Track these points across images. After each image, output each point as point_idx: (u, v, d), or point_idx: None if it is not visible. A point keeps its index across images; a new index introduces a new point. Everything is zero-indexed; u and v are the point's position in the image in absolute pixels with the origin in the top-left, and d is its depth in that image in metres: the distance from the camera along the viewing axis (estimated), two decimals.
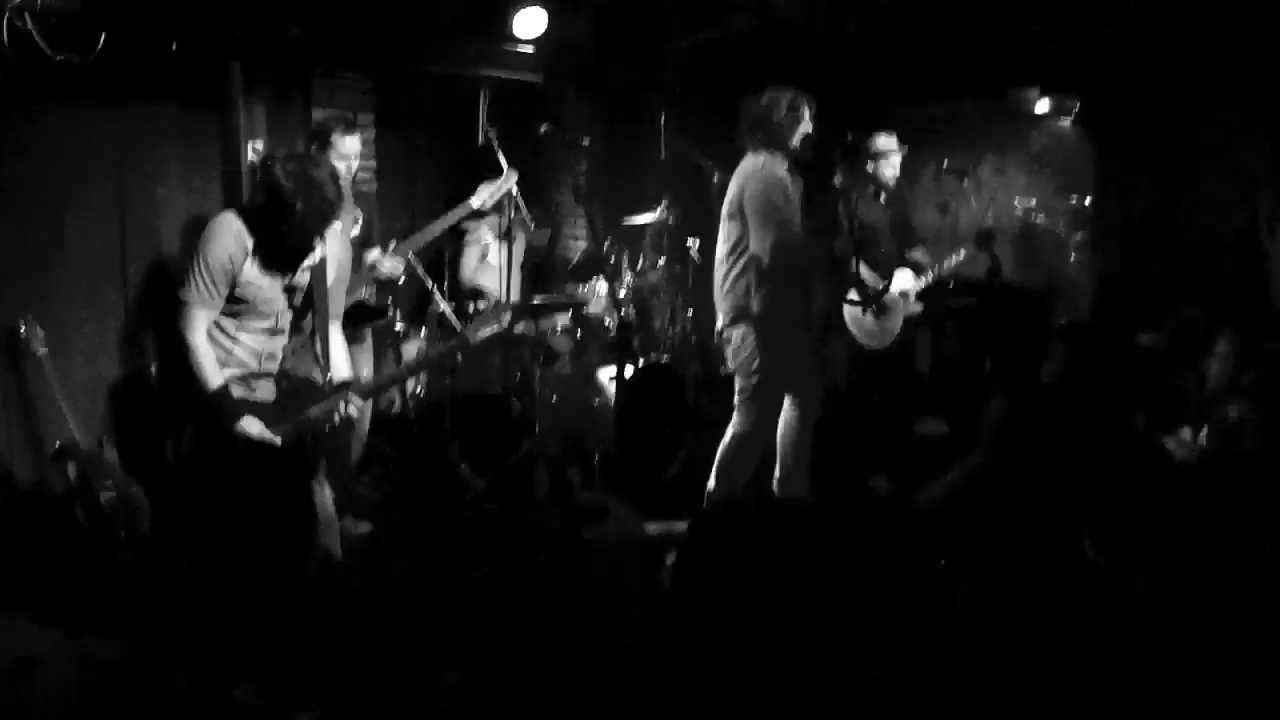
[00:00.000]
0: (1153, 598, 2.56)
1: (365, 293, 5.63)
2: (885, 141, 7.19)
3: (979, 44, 8.49)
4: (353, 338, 5.47)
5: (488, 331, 4.51)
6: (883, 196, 7.22)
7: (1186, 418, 4.90)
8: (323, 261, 4.20)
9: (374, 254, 5.58)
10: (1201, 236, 8.66)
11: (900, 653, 2.68)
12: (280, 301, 4.13)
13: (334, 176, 3.97)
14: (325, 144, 5.36)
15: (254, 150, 6.70)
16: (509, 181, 5.91)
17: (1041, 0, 8.10)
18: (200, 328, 3.97)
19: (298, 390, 4.21)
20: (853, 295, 6.61)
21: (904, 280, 6.84)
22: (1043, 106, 9.74)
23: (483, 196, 5.84)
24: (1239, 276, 8.30)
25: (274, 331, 4.17)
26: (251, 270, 3.99)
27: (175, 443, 4.13)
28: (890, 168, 7.18)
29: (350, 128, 5.42)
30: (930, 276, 6.94)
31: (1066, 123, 9.64)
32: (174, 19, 5.84)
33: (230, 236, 3.94)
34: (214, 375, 3.96)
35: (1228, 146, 8.43)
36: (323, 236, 4.07)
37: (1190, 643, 2.45)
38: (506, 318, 4.57)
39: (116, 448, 5.31)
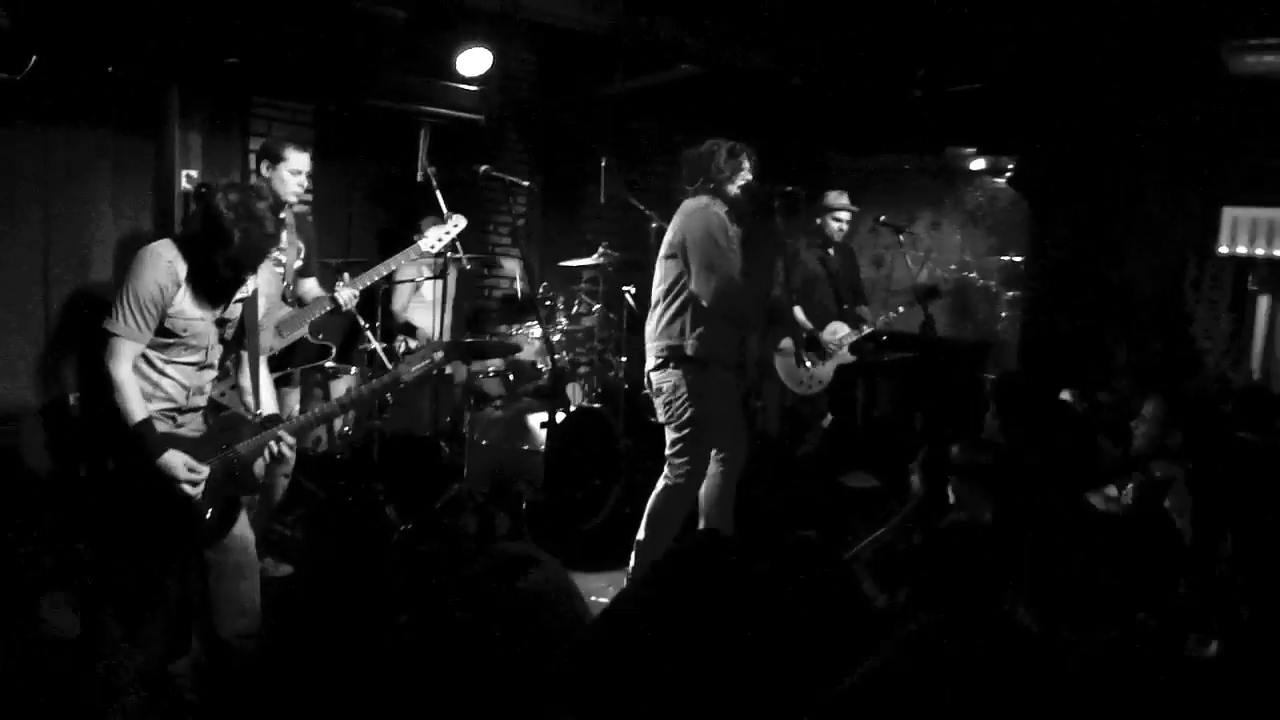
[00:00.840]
0: (1086, 663, 2.54)
1: (306, 330, 5.52)
2: (836, 198, 7.28)
3: (918, 101, 8.60)
4: (287, 379, 5.37)
5: (420, 369, 4.43)
6: (829, 250, 7.27)
7: (1111, 476, 4.95)
8: (254, 294, 4.08)
9: (339, 288, 5.47)
10: (1130, 297, 8.81)
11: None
12: (211, 335, 4.00)
13: (274, 209, 3.88)
14: (277, 159, 5.26)
15: (188, 178, 6.59)
16: (458, 228, 5.85)
17: (980, 63, 8.21)
18: (126, 360, 3.82)
19: (226, 425, 4.09)
20: (787, 343, 6.63)
21: (838, 331, 6.87)
22: (978, 164, 9.90)
23: (431, 240, 5.77)
24: (1165, 337, 8.45)
25: (203, 366, 4.03)
26: (183, 302, 3.86)
27: (94, 473, 3.99)
28: (837, 223, 7.25)
29: (302, 145, 5.34)
30: (866, 330, 6.98)
31: (1001, 181, 9.79)
32: (110, 40, 5.75)
33: (162, 266, 3.80)
34: (138, 408, 3.81)
35: (1157, 211, 8.60)
36: (256, 269, 3.97)
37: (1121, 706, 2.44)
38: (439, 356, 4.49)
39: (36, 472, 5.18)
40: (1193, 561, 3.42)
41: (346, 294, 5.47)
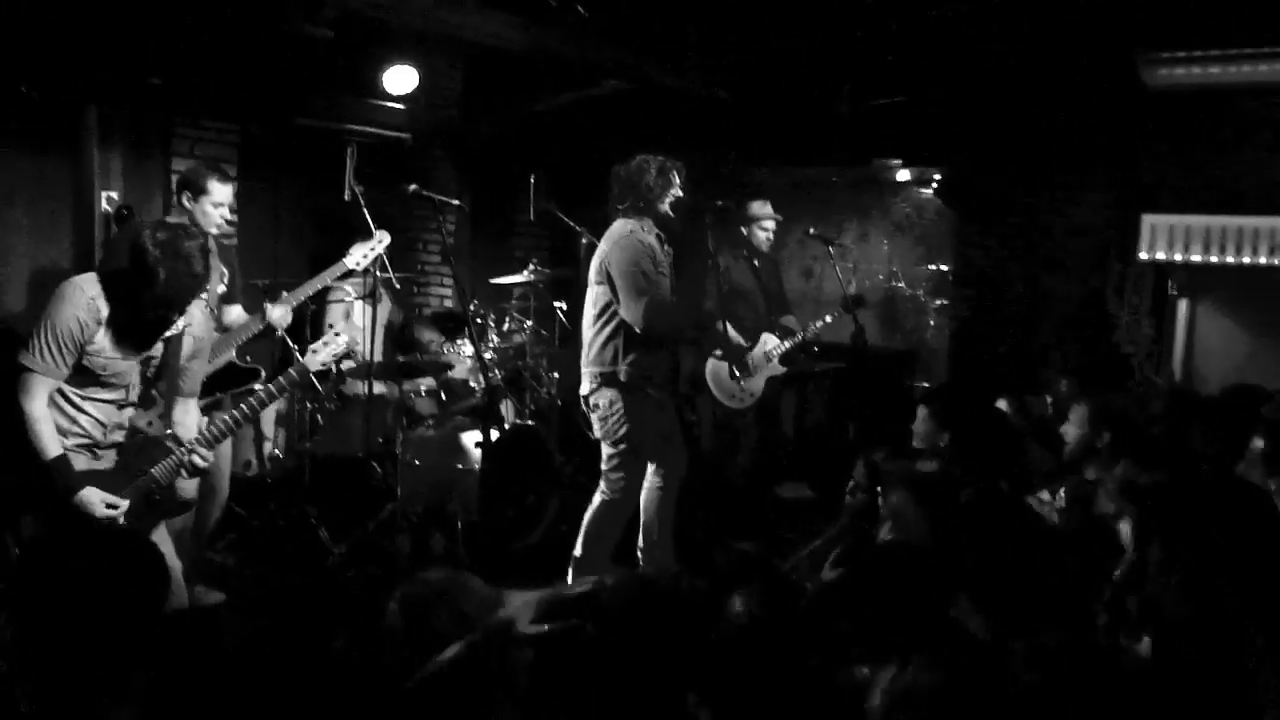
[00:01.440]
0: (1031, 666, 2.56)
1: (234, 354, 5.42)
2: (759, 207, 7.30)
3: (844, 115, 8.70)
4: (218, 404, 5.26)
5: (327, 355, 4.37)
6: (755, 261, 7.30)
7: (1044, 481, 5.03)
8: (180, 334, 3.96)
9: (270, 308, 5.37)
10: (1055, 303, 8.97)
11: None
12: (133, 374, 3.88)
13: (203, 250, 3.76)
14: (200, 191, 5.08)
15: (108, 200, 6.47)
16: (382, 244, 5.80)
17: (904, 77, 8.33)
18: (41, 396, 3.70)
19: (140, 449, 3.98)
20: (718, 355, 6.65)
21: (768, 343, 6.91)
22: (904, 176, 10.03)
23: (356, 257, 5.71)
24: (1090, 341, 8.61)
25: (123, 404, 3.91)
26: (103, 341, 3.73)
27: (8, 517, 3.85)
28: (764, 233, 7.28)
29: (225, 176, 5.20)
30: (796, 340, 7.02)
31: (928, 192, 9.92)
32: (22, 60, 5.63)
33: (83, 302, 3.67)
34: (52, 444, 3.70)
35: (1079, 220, 8.77)
36: (184, 310, 3.88)
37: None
38: (344, 340, 4.42)
39: None
40: (1131, 564, 3.47)
41: (279, 312, 5.38)
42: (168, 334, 3.90)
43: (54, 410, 3.76)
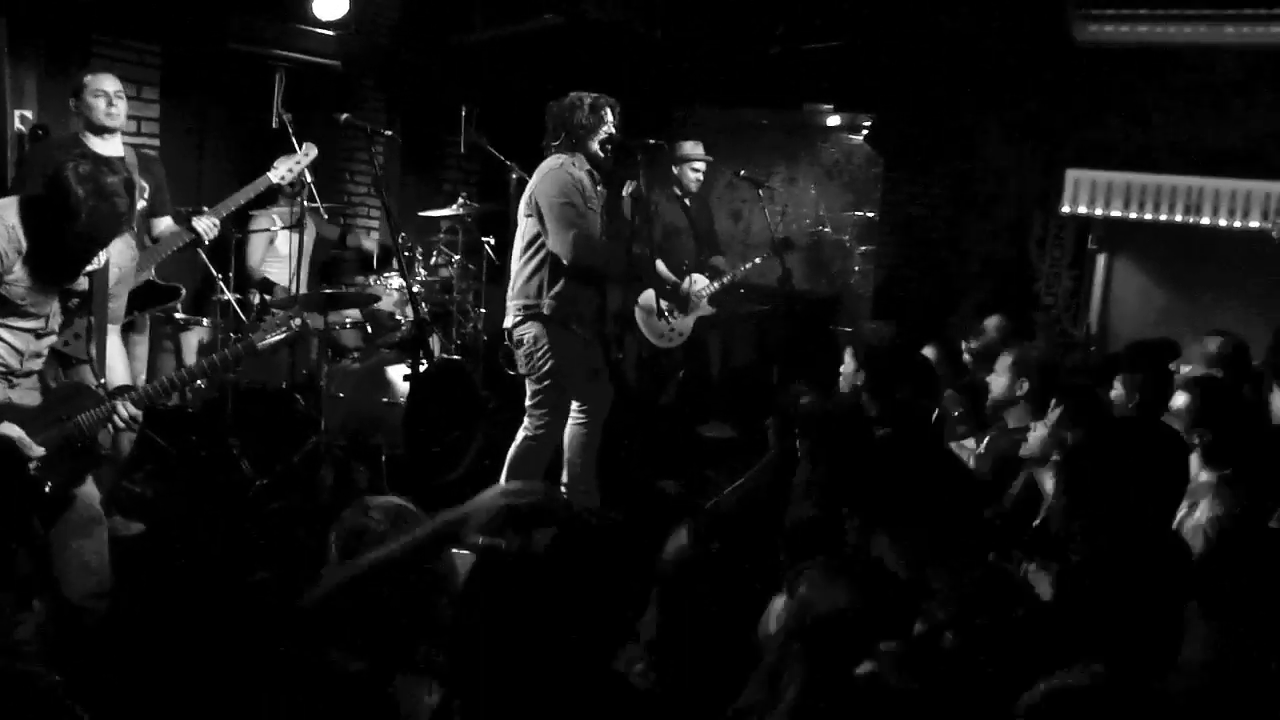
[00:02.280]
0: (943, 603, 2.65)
1: (153, 272, 5.35)
2: (691, 148, 7.31)
3: (777, 58, 8.70)
4: (132, 325, 5.19)
5: (276, 338, 4.31)
6: (686, 201, 7.32)
7: (969, 428, 5.14)
8: (105, 266, 3.86)
9: (196, 220, 5.32)
10: (979, 252, 9.10)
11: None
12: (52, 305, 3.79)
13: (128, 185, 3.68)
14: (79, 88, 5.11)
15: (21, 119, 6.31)
16: (308, 157, 5.74)
17: (837, 21, 8.35)
18: None
19: (68, 395, 3.89)
20: (648, 296, 6.69)
21: (698, 283, 6.95)
22: (834, 121, 10.07)
23: (281, 171, 5.66)
24: (1012, 291, 8.77)
25: (41, 333, 3.82)
26: (21, 272, 3.63)
27: None
28: (694, 173, 7.30)
29: (104, 68, 5.19)
30: (725, 281, 7.07)
31: (857, 139, 9.98)
32: None
33: (2, 231, 3.56)
34: None
35: (1005, 171, 8.88)
36: (106, 246, 3.79)
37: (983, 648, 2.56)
38: (296, 324, 4.37)
39: None
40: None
41: (206, 223, 5.35)
42: (91, 268, 3.81)
43: None
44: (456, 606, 2.39)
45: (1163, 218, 8.16)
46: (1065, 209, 8.50)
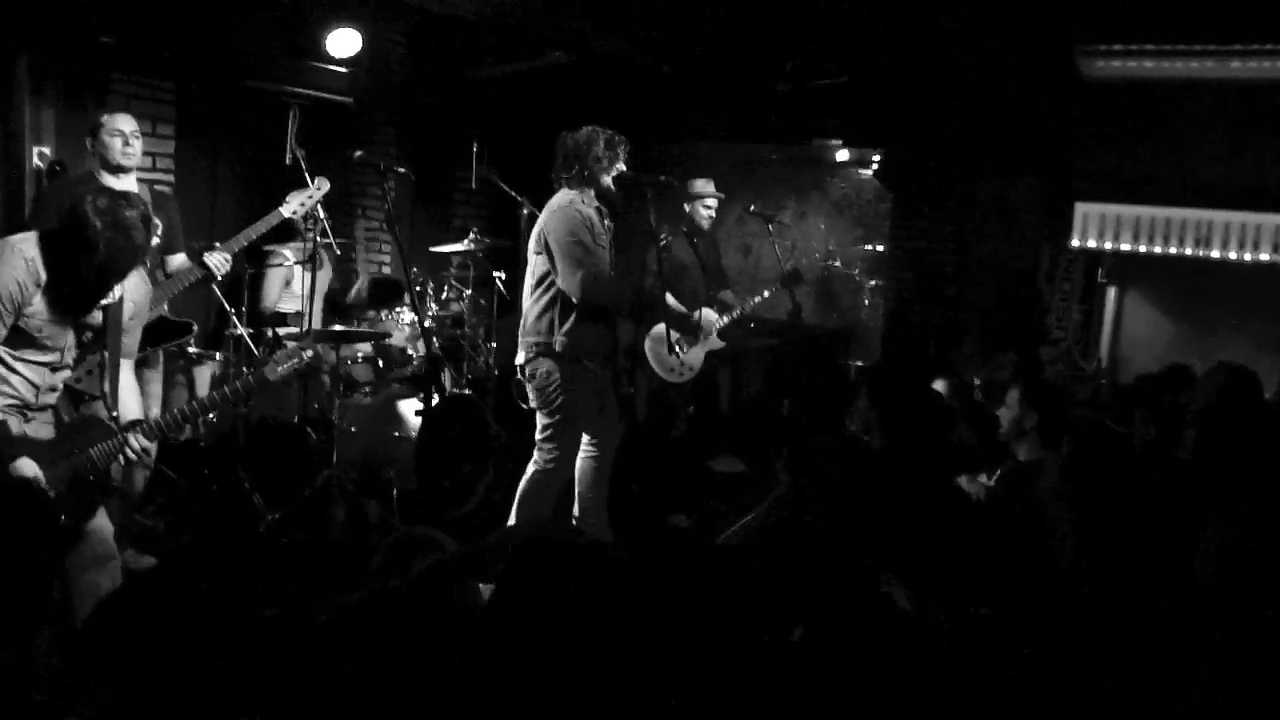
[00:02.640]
0: (958, 642, 2.65)
1: (166, 308, 5.39)
2: (703, 185, 7.35)
3: (786, 94, 8.76)
4: (145, 360, 5.22)
5: (287, 369, 4.33)
6: (694, 238, 7.35)
7: (980, 462, 5.14)
8: (120, 300, 3.91)
9: (208, 255, 5.36)
10: (988, 286, 9.11)
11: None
12: (68, 338, 3.83)
13: (145, 219, 3.73)
14: (96, 128, 5.18)
15: (40, 155, 6.37)
16: (320, 191, 5.78)
17: (846, 58, 8.40)
18: None
19: (80, 427, 3.93)
20: (659, 331, 6.71)
21: (707, 318, 6.97)
22: (843, 156, 10.11)
23: (293, 205, 5.70)
24: (1022, 325, 8.77)
25: (57, 366, 3.86)
26: (40, 304, 3.68)
27: None
28: (706, 210, 7.33)
29: (121, 110, 5.24)
30: (735, 315, 7.09)
31: (867, 173, 10.01)
32: None
33: (21, 263, 3.61)
34: None
35: (1015, 206, 8.90)
36: (123, 279, 3.83)
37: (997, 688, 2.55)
38: (308, 355, 4.40)
39: None
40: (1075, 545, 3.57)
41: (217, 258, 5.37)
42: (106, 302, 3.86)
43: None
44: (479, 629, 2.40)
45: (1172, 251, 8.17)
46: (1075, 243, 8.51)
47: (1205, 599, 2.69)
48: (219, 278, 5.47)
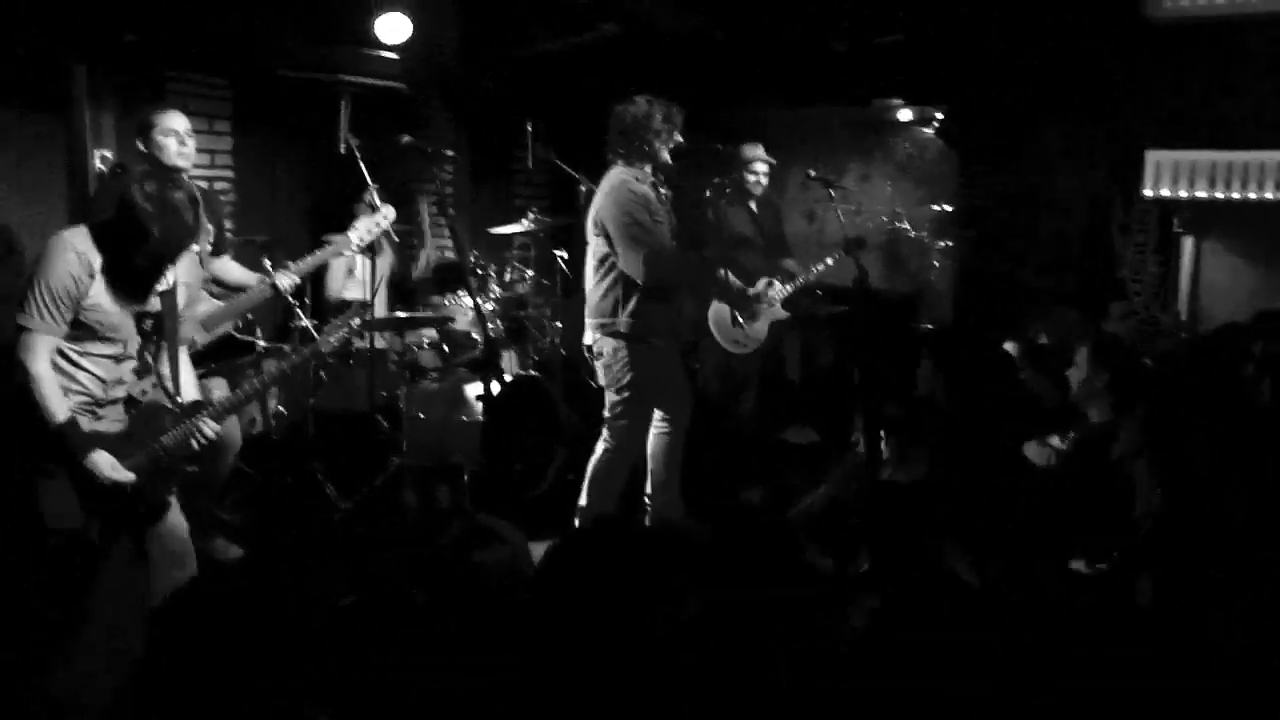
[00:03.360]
0: (1026, 618, 2.55)
1: (231, 325, 5.37)
2: (751, 150, 7.20)
3: (843, 54, 8.59)
4: (209, 374, 5.24)
5: (339, 336, 4.37)
6: (751, 204, 7.23)
7: (1053, 424, 5.00)
8: (174, 286, 3.95)
9: (279, 276, 5.31)
10: (1059, 241, 8.91)
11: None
12: (129, 327, 3.87)
13: (192, 199, 3.75)
14: (148, 127, 5.04)
15: (101, 158, 6.41)
16: (387, 220, 5.73)
17: (903, 14, 8.22)
18: (44, 355, 3.68)
19: (149, 417, 3.98)
20: (722, 303, 6.62)
21: (769, 292, 6.87)
22: (906, 115, 9.92)
23: (360, 232, 5.65)
24: (1095, 280, 8.56)
25: (121, 358, 3.90)
26: (98, 294, 3.72)
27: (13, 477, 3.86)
28: (753, 175, 7.19)
29: (173, 108, 5.16)
30: (799, 283, 6.97)
31: (929, 132, 9.82)
32: (11, 19, 5.57)
33: (73, 256, 3.65)
34: (59, 407, 3.69)
35: (1083, 156, 8.68)
36: (175, 262, 3.86)
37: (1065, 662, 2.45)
38: (356, 322, 4.43)
39: None
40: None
41: (287, 281, 5.31)
42: (163, 287, 3.90)
43: (54, 370, 3.76)
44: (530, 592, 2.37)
45: (1251, 196, 7.89)
46: (1147, 192, 8.25)
47: None
48: (285, 294, 5.41)
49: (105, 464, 3.75)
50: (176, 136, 5.11)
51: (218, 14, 6.33)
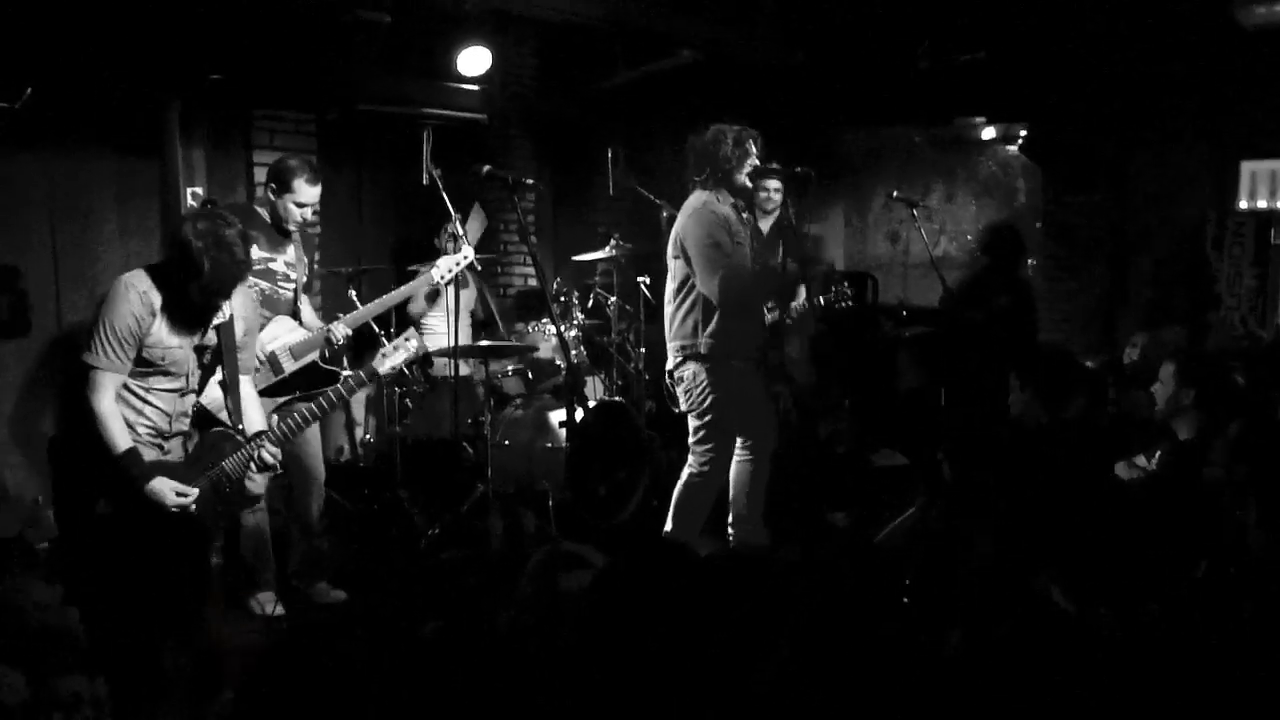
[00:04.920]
0: (1122, 641, 2.48)
1: (317, 354, 5.41)
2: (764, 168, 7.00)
3: (925, 73, 8.51)
4: (289, 404, 5.29)
5: (398, 360, 4.44)
6: (763, 225, 7.07)
7: (1141, 441, 4.87)
8: (230, 319, 4.10)
9: (334, 326, 5.31)
10: (1150, 257, 8.72)
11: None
12: (190, 362, 4.02)
13: (244, 237, 3.85)
14: (285, 188, 5.03)
15: (193, 195, 6.56)
16: (468, 259, 5.77)
17: (985, 30, 8.13)
18: (109, 392, 3.85)
19: (211, 445, 4.12)
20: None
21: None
22: (989, 133, 9.80)
23: (442, 270, 5.69)
24: (1190, 295, 8.36)
25: (184, 392, 4.07)
26: (160, 331, 3.88)
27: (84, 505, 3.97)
28: (768, 193, 6.96)
29: (315, 176, 5.17)
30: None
31: (1013, 149, 9.69)
32: (106, 64, 5.74)
33: (135, 297, 3.82)
34: (122, 438, 3.84)
35: (1173, 170, 8.50)
36: (229, 296, 3.97)
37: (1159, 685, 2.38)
38: (413, 345, 4.49)
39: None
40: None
41: (340, 331, 5.27)
42: (218, 321, 4.04)
43: (121, 405, 3.91)
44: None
45: None
46: (1243, 204, 8.05)
47: None
48: (336, 346, 5.36)
49: (168, 489, 3.89)
50: (312, 209, 5.16)
51: (301, 52, 6.46)
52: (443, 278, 5.67)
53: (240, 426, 4.14)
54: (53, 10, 5.46)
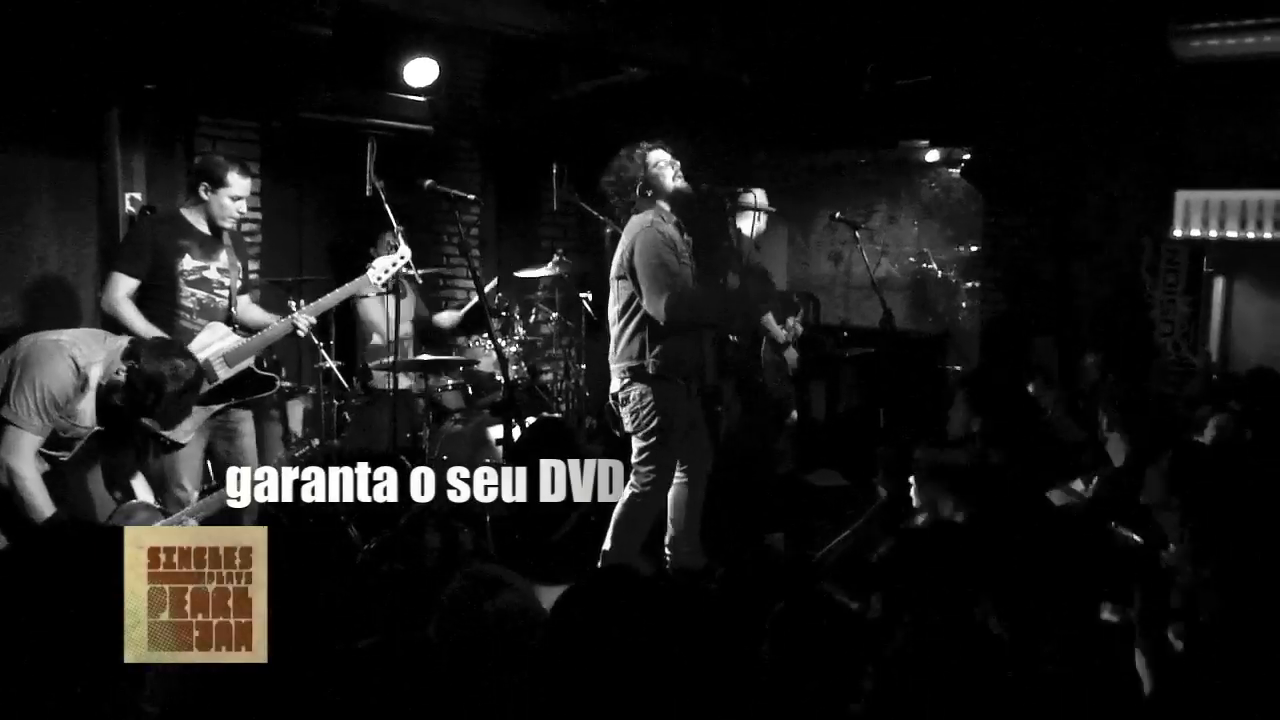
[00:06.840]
0: (1057, 668, 2.50)
1: (252, 361, 5.36)
2: (745, 197, 7.11)
3: (869, 96, 8.58)
4: (225, 411, 5.23)
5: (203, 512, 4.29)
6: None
7: (1078, 468, 4.93)
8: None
9: (298, 316, 5.30)
10: (1087, 283, 8.84)
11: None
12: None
13: (188, 359, 3.83)
14: (218, 183, 5.03)
15: (131, 200, 6.46)
16: (404, 259, 5.73)
17: (929, 55, 8.21)
18: (29, 454, 3.58)
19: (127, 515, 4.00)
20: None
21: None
22: (932, 156, 9.91)
23: (378, 271, 5.65)
24: (1125, 321, 8.48)
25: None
26: (86, 409, 3.68)
27: None
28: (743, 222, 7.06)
29: (245, 170, 5.17)
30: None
31: (956, 172, 9.80)
32: (45, 67, 5.65)
33: (64, 367, 3.60)
34: (45, 505, 3.59)
35: (1111, 197, 8.63)
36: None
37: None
38: (216, 498, 4.31)
39: None
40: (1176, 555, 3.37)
41: (305, 321, 5.30)
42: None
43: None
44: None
45: None
46: (1176, 232, 8.18)
47: None
48: (302, 336, 5.39)
49: None
50: (239, 203, 5.14)
51: (242, 61, 6.38)
52: (379, 278, 5.63)
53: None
54: None
